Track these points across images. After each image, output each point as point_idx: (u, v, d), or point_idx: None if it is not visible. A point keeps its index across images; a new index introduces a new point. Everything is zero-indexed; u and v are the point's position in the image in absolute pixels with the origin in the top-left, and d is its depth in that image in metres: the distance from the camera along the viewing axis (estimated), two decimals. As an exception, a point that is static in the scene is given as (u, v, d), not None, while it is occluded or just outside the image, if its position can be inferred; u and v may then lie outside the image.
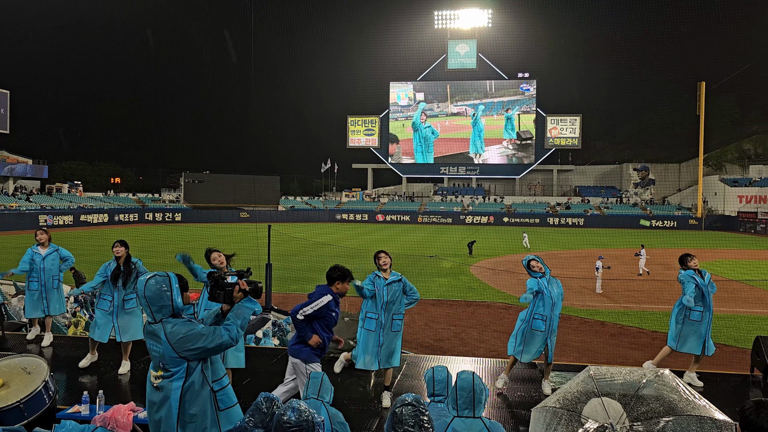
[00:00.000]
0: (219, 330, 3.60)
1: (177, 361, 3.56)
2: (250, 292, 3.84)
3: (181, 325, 3.58)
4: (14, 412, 4.52)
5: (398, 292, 6.60)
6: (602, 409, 2.74)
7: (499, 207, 77.23)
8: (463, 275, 26.11)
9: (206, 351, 3.58)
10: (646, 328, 16.26)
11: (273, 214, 72.14)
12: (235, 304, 3.81)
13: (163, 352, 3.57)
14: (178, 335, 3.54)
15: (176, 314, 3.67)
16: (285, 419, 2.78)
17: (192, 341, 3.53)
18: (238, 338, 3.66)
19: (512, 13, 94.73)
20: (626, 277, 25.36)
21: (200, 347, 3.54)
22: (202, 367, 3.64)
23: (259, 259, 19.40)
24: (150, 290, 3.61)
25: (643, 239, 36.62)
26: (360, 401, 6.76)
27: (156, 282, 3.64)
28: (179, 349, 3.53)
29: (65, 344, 9.20)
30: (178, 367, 3.57)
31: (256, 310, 3.88)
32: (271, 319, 14.92)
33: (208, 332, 3.57)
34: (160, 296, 3.60)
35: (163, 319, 3.62)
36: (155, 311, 3.62)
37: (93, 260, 29.72)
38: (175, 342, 3.53)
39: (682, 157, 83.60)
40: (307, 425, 2.78)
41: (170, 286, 3.65)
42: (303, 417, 2.79)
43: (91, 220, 60.41)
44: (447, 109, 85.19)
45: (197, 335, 3.54)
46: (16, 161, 65.07)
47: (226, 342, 3.59)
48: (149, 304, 3.61)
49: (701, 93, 65.34)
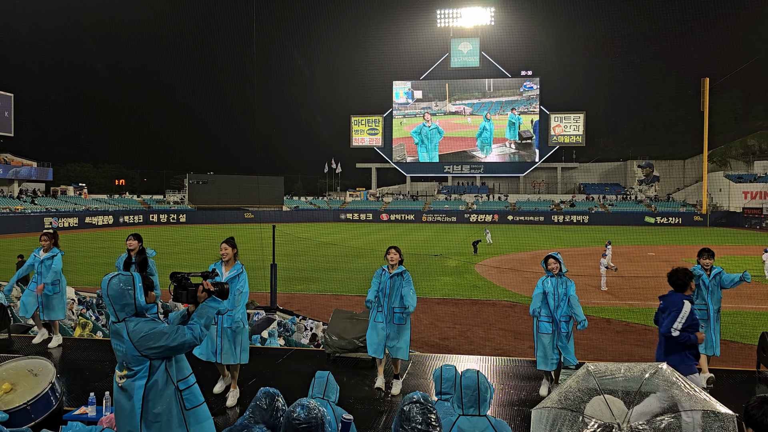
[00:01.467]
0: (182, 329, 3.63)
1: (139, 359, 3.57)
2: (215, 293, 3.88)
3: (144, 324, 3.60)
4: (21, 414, 4.55)
5: (397, 286, 6.95)
6: (606, 407, 2.72)
7: (503, 205, 77.15)
8: (468, 274, 26.10)
9: (169, 349, 3.59)
10: (651, 325, 16.22)
11: (277, 214, 72.23)
12: (200, 303, 3.84)
13: (126, 350, 3.59)
14: (140, 333, 3.56)
15: (139, 313, 3.69)
16: (295, 416, 2.82)
17: (154, 339, 3.55)
18: (202, 337, 3.68)
19: (515, 11, 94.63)
20: (631, 274, 25.31)
21: (162, 345, 3.56)
22: (165, 365, 3.65)
23: (264, 260, 19.45)
24: (112, 289, 3.64)
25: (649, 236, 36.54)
26: (365, 401, 6.76)
27: (119, 281, 3.66)
28: (141, 347, 3.55)
29: (71, 346, 9.23)
30: (141, 366, 3.59)
31: (221, 309, 3.92)
32: (276, 320, 14.95)
33: (171, 331, 3.59)
34: (122, 295, 3.63)
35: (126, 318, 3.65)
36: (118, 310, 3.64)
37: (98, 262, 29.87)
38: (137, 340, 3.55)
39: (686, 154, 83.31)
40: (317, 422, 2.82)
41: (133, 285, 3.67)
42: (313, 414, 2.83)
43: (96, 221, 60.61)
44: (446, 108, 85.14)
45: (159, 333, 3.56)
46: (21, 164, 65.30)
47: (189, 341, 3.61)
48: (112, 302, 3.64)
49: (705, 89, 65.10)
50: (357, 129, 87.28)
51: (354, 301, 18.81)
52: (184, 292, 3.85)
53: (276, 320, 14.82)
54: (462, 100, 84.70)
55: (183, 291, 3.86)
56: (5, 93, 62.66)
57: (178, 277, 3.90)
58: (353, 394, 6.93)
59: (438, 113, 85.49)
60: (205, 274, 4.02)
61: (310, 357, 8.90)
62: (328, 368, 6.61)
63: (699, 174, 73.93)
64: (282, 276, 20.12)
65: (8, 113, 62.76)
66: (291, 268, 25.68)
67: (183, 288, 3.86)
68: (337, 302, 18.46)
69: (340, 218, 75.79)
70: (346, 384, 7.19)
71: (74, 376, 7.39)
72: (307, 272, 26.04)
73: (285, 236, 36.62)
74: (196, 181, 74.67)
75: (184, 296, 3.86)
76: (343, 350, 8.30)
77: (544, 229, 60.89)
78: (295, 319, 16.01)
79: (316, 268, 27.42)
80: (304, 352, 9.70)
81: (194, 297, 3.85)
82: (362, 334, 8.31)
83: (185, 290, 3.86)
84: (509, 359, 8.81)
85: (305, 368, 7.91)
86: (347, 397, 6.68)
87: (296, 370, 7.87)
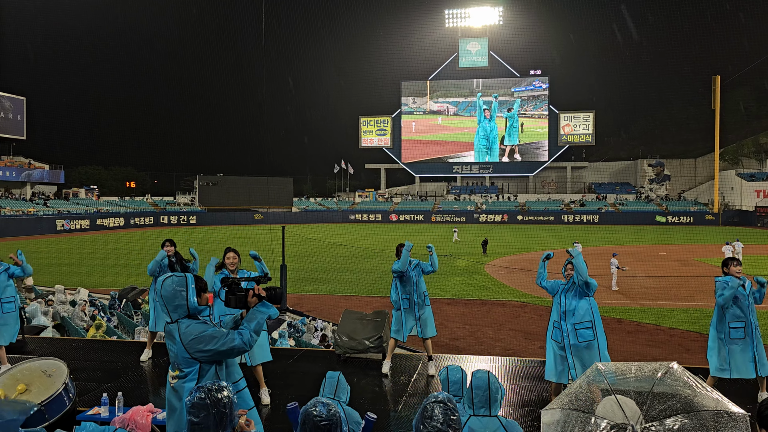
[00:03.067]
0: (232, 334, 3.62)
1: (190, 362, 3.59)
2: (267, 297, 3.86)
3: (195, 326, 3.62)
4: (36, 414, 4.60)
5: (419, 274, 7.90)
6: (618, 408, 2.70)
7: (513, 205, 76.91)
8: (477, 274, 26.05)
9: (218, 354, 3.60)
10: (663, 325, 16.12)
11: (287, 215, 72.41)
12: (251, 309, 3.83)
13: (177, 352, 3.61)
14: (191, 336, 3.58)
15: (192, 315, 3.70)
16: (316, 413, 2.84)
17: (204, 343, 3.56)
18: (252, 343, 3.66)
19: (523, 10, 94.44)
20: (642, 274, 25.16)
21: (211, 349, 3.57)
22: (216, 369, 3.67)
23: (273, 261, 19.49)
24: (166, 290, 3.66)
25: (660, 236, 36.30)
26: (375, 401, 6.78)
27: (173, 282, 3.68)
28: (191, 349, 3.57)
29: (84, 347, 9.31)
30: (191, 368, 3.60)
31: (272, 314, 3.90)
32: (286, 320, 14.99)
33: (221, 335, 3.59)
34: (175, 296, 3.64)
35: (179, 319, 3.67)
36: (171, 311, 3.66)
37: (110, 263, 30.11)
38: (187, 342, 3.57)
39: (697, 152, 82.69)
40: (336, 419, 2.86)
41: (186, 287, 3.68)
42: (332, 411, 2.87)
43: (108, 224, 61.04)
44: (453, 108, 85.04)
45: (209, 337, 3.57)
46: (34, 166, 65.90)
47: (238, 346, 3.61)
48: (165, 303, 3.66)
49: (716, 87, 64.64)
50: (366, 129, 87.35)
51: (364, 301, 18.82)
52: (233, 297, 3.82)
53: (286, 321, 14.86)
54: (467, 98, 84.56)
55: (232, 296, 3.83)
56: (17, 96, 63.25)
57: (229, 282, 3.89)
58: (363, 394, 6.94)
59: (444, 113, 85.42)
60: (258, 278, 4.00)
61: (320, 357, 8.92)
62: (338, 369, 6.61)
63: (710, 172, 73.36)
64: (292, 277, 20.17)
65: (21, 116, 63.35)
66: (301, 269, 25.74)
67: (232, 293, 3.84)
68: (347, 303, 18.48)
69: (350, 219, 75.89)
70: (356, 384, 7.20)
71: (87, 377, 7.45)
72: (317, 273, 26.10)
73: (295, 237, 36.71)
74: (206, 183, 75.01)
75: (233, 301, 3.82)
76: (353, 351, 8.31)
77: (554, 228, 60.64)
78: (305, 320, 16.04)
79: (326, 269, 27.47)
80: (314, 352, 9.72)
81: (244, 302, 3.81)
82: (372, 334, 8.32)
83: (234, 295, 3.83)
84: (520, 359, 8.79)
85: (315, 369, 7.94)
86: (357, 397, 6.69)
87: (306, 371, 7.90)
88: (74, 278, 23.93)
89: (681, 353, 13.28)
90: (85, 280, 22.78)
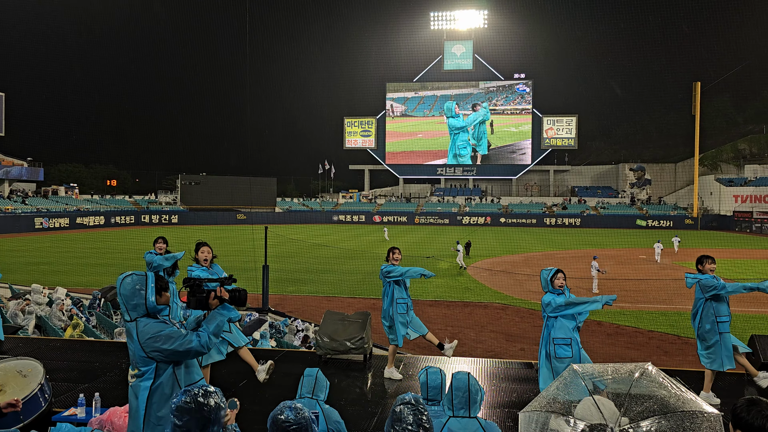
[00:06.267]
0: (190, 335, 3.60)
1: (146, 360, 3.57)
2: (230, 300, 3.83)
3: (153, 325, 3.59)
4: (10, 415, 4.51)
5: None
6: (596, 409, 2.72)
7: (496, 207, 77.29)
8: (459, 276, 26.14)
9: (174, 354, 3.57)
10: (642, 327, 16.31)
11: (270, 215, 72.06)
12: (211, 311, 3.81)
13: (134, 350, 3.59)
14: (148, 335, 3.55)
15: (151, 314, 3.67)
16: (283, 418, 2.81)
17: (160, 342, 3.54)
18: (210, 345, 3.64)
19: (508, 14, 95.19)
20: (622, 277, 25.42)
21: (168, 349, 3.54)
22: (173, 369, 3.64)
23: (256, 261, 19.41)
24: (125, 288, 3.64)
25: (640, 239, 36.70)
26: (357, 402, 6.77)
27: (132, 280, 3.65)
28: (147, 348, 3.54)
29: (61, 347, 9.18)
30: (148, 367, 3.58)
31: (233, 317, 3.88)
32: (268, 321, 14.92)
33: (178, 335, 3.57)
34: (134, 294, 3.62)
35: (138, 318, 3.64)
36: (130, 309, 3.64)
37: (90, 263, 29.72)
38: (144, 341, 3.55)
39: (677, 157, 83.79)
40: (306, 422, 2.84)
41: (146, 285, 3.65)
42: (300, 415, 2.84)
43: (87, 222, 60.26)
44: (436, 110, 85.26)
45: (166, 337, 3.55)
46: (12, 163, 64.86)
47: (195, 348, 3.58)
48: (124, 301, 3.64)
49: (696, 93, 65.45)
50: (350, 131, 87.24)
51: (346, 302, 18.78)
52: (194, 298, 3.81)
53: (268, 321, 14.78)
54: (452, 100, 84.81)
55: (192, 297, 3.82)
56: (-4, 92, 62.24)
57: (191, 283, 3.87)
58: (344, 395, 6.93)
59: (427, 115, 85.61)
60: (222, 280, 3.98)
61: (301, 358, 8.89)
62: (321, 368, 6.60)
63: (690, 177, 74.32)
64: (274, 277, 20.07)
65: (-1, 112, 62.36)
66: (283, 270, 25.62)
67: (193, 294, 3.82)
68: (329, 304, 18.42)
69: (333, 220, 75.72)
70: (337, 386, 7.19)
71: (64, 377, 7.35)
72: (300, 274, 26.00)
73: (277, 237, 36.55)
74: (188, 182, 74.35)
75: (194, 303, 3.82)
76: (335, 352, 8.30)
77: (536, 231, 61.06)
78: (287, 321, 15.97)
79: (309, 270, 27.38)
80: (296, 353, 9.69)
81: (205, 304, 3.80)
82: (354, 335, 8.32)
83: (194, 296, 3.81)
84: (500, 361, 8.84)
85: (297, 370, 7.87)
86: (338, 398, 6.68)
87: (288, 372, 7.86)
88: (52, 277, 23.60)
89: (659, 355, 13.45)
90: (64, 279, 22.48)
